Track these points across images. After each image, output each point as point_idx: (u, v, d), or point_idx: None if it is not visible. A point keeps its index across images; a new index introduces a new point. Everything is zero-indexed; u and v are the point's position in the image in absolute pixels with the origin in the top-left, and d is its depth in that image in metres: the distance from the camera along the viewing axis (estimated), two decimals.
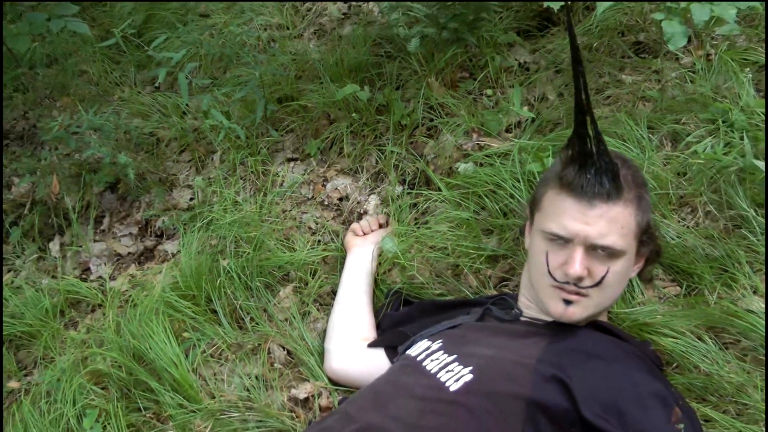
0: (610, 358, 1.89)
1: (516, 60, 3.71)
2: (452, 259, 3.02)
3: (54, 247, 4.17)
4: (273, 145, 3.85)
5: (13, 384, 3.47)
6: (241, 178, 3.72)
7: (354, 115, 3.67)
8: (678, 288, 2.61)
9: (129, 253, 3.88)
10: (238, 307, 3.14)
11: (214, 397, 2.86)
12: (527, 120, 3.36)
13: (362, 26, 4.18)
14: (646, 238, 1.90)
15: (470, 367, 1.93)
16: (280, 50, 4.21)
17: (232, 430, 2.72)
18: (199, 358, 2.99)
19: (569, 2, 3.50)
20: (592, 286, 1.79)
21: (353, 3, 4.51)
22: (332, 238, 3.37)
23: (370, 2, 4.38)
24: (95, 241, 4.02)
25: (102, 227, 4.09)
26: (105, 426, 2.96)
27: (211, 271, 3.25)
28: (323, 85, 3.88)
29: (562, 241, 1.89)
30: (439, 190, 3.25)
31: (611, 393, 1.78)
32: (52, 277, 3.96)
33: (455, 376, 1.93)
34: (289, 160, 3.79)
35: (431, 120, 3.56)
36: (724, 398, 2.28)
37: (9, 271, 4.26)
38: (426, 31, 3.66)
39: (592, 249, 1.79)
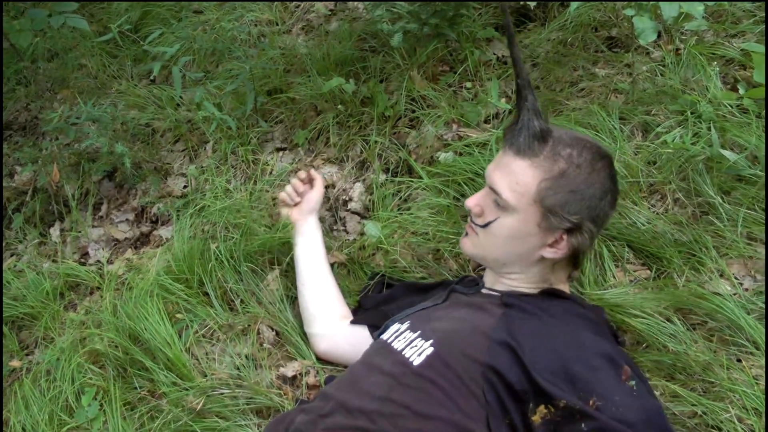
0: (558, 323, 1.84)
1: (494, 54, 3.66)
2: (433, 244, 2.98)
3: (54, 232, 4.11)
4: (263, 136, 3.79)
5: (15, 363, 3.41)
6: (232, 167, 3.67)
7: (340, 106, 3.62)
8: (648, 271, 2.58)
9: (126, 238, 3.82)
10: (228, 290, 3.09)
11: (205, 376, 2.81)
12: (504, 111, 3.32)
13: (348, 22, 4.12)
14: (556, 220, 1.75)
15: (431, 341, 1.91)
16: (270, 45, 4.14)
17: (223, 407, 2.68)
18: (191, 338, 2.95)
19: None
20: (480, 226, 1.78)
21: (340, 1, 4.45)
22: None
23: (356, 0, 4.32)
24: (93, 226, 3.96)
25: (100, 214, 4.03)
26: (102, 403, 2.92)
27: (202, 256, 3.20)
28: (311, 78, 3.83)
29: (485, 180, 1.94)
30: (421, 178, 3.21)
31: (559, 357, 1.72)
32: (53, 261, 3.90)
33: (418, 350, 1.91)
34: (278, 149, 3.74)
35: (413, 111, 3.51)
36: (692, 376, 2.25)
37: (11, 256, 4.20)
38: (408, 27, 3.60)
39: (492, 192, 1.77)
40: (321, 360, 2.78)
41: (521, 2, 3.56)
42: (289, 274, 3.11)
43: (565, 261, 1.88)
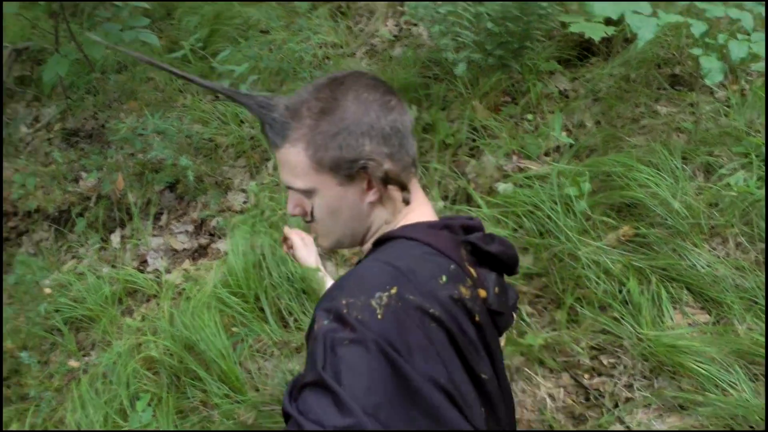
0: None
1: (556, 87, 3.64)
2: None
3: (115, 239, 4.16)
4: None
5: (73, 363, 3.45)
6: None
7: None
8: (707, 316, 2.52)
9: (184, 249, 3.84)
10: (283, 307, 3.09)
11: (258, 390, 2.81)
12: (565, 145, 3.28)
13: (412, 49, 4.11)
14: (345, 169, 1.51)
15: None
16: (335, 67, 4.15)
17: (274, 423, 2.67)
18: (246, 352, 2.95)
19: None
20: (311, 221, 1.61)
21: (404, 26, 4.45)
22: None
23: (420, 27, 4.32)
24: (153, 235, 3.99)
25: (160, 223, 4.06)
26: (155, 410, 2.92)
27: (259, 272, 3.20)
28: None
29: None
30: (480, 207, 3.18)
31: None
32: (112, 266, 3.94)
33: None
34: None
35: (474, 140, 3.49)
36: (754, 428, 2.19)
37: (72, 258, 4.25)
38: (473, 57, 3.59)
39: (292, 190, 1.60)
40: None
41: (586, 36, 3.52)
42: None
43: (391, 190, 1.55)
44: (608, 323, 2.69)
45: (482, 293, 1.44)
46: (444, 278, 1.37)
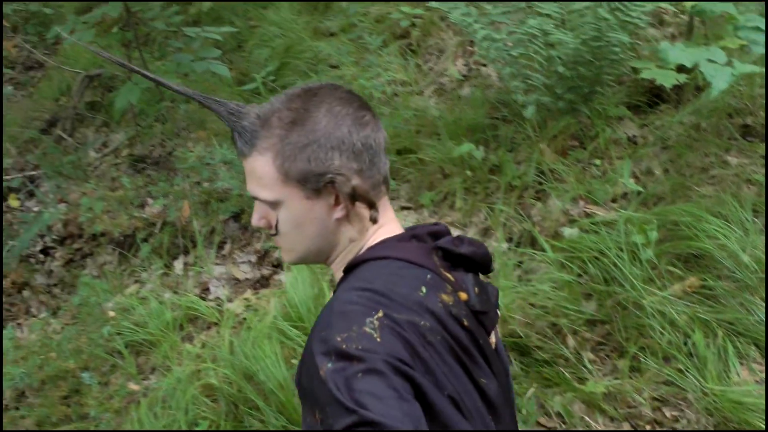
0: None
1: (625, 133, 3.65)
2: (552, 318, 2.96)
3: (178, 265, 4.25)
4: (390, 193, 3.84)
5: (133, 386, 3.53)
6: None
7: (468, 172, 3.66)
8: None
9: (246, 278, 3.92)
10: None
11: None
12: (633, 192, 3.29)
13: (481, 89, 4.17)
14: (312, 182, 1.46)
15: None
16: (403, 105, 4.22)
17: None
18: None
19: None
20: (275, 234, 1.55)
21: (473, 66, 4.51)
22: None
23: (490, 67, 4.37)
24: (216, 264, 4.07)
25: (223, 252, 4.15)
26: None
27: (317, 305, 3.25)
28: (441, 141, 3.88)
29: None
30: (544, 251, 3.20)
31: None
32: (174, 292, 4.03)
33: None
34: (403, 208, 3.79)
35: (540, 184, 3.52)
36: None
37: (135, 282, 4.36)
38: (542, 100, 3.63)
39: (258, 200, 1.55)
40: None
41: (657, 83, 3.53)
42: None
43: (359, 207, 1.50)
44: (672, 375, 2.68)
45: (463, 296, 1.42)
46: (423, 289, 1.36)
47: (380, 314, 1.26)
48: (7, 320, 4.71)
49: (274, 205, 1.48)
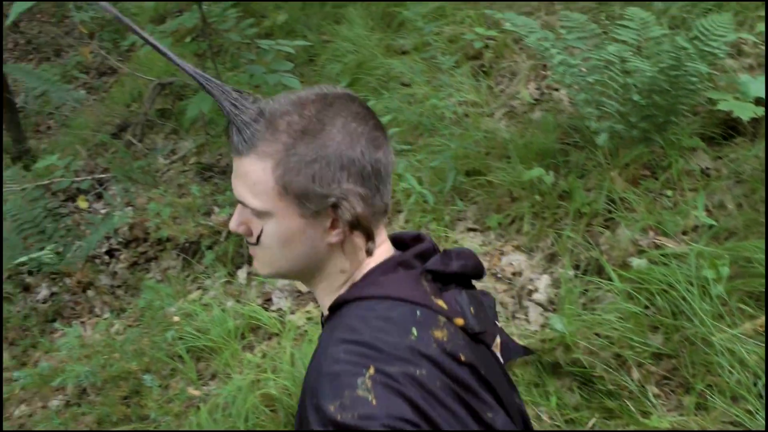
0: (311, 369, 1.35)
1: (698, 165, 3.61)
2: (617, 349, 2.94)
3: (242, 274, 4.33)
4: (456, 214, 3.88)
5: (193, 391, 3.60)
6: None
7: (537, 197, 3.67)
8: None
9: (309, 291, 3.96)
10: None
11: None
12: (704, 225, 3.26)
13: (553, 114, 4.17)
14: (314, 202, 1.33)
15: None
16: (473, 126, 4.24)
17: None
18: None
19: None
20: (253, 244, 1.40)
21: (545, 90, 4.51)
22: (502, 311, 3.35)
23: (562, 92, 4.37)
24: None
25: None
26: None
27: None
28: (511, 164, 3.89)
29: None
30: (611, 280, 3.18)
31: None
32: (237, 301, 4.09)
33: None
34: (470, 229, 3.81)
35: (610, 212, 3.51)
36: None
37: (198, 289, 4.45)
38: (616, 127, 3.62)
39: (241, 205, 1.40)
40: None
41: (734, 115, 3.49)
42: None
43: (356, 236, 1.39)
44: (740, 415, 2.64)
45: (459, 322, 1.33)
46: (414, 331, 1.25)
47: (371, 371, 1.18)
48: (70, 318, 4.85)
49: (262, 215, 1.35)
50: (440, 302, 1.32)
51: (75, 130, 7.20)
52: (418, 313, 1.28)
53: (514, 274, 3.49)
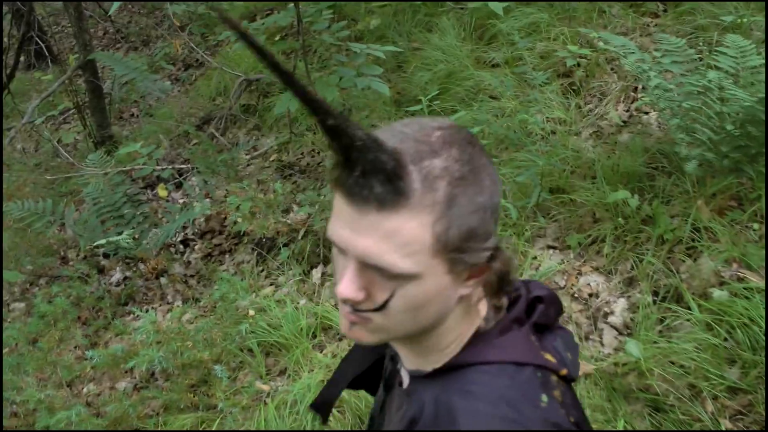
0: None
1: None
2: (692, 379, 2.96)
3: (316, 274, 4.42)
4: (537, 231, 3.91)
5: (262, 386, 3.70)
6: None
7: (620, 219, 3.68)
8: None
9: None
10: None
11: None
12: None
13: (641, 137, 4.18)
14: (471, 255, 1.17)
15: None
16: (560, 143, 4.28)
17: None
18: None
19: None
20: (372, 310, 1.19)
21: (634, 113, 4.53)
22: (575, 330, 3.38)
23: (652, 115, 4.38)
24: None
25: None
26: None
27: None
28: (595, 184, 3.92)
29: (340, 250, 1.23)
30: (690, 309, 3.19)
31: None
32: (309, 300, 4.18)
33: None
34: (549, 247, 3.85)
35: (693, 240, 3.51)
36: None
37: (270, 285, 4.56)
38: (706, 156, 3.62)
39: (370, 267, 1.17)
40: None
41: None
42: None
43: (480, 288, 1.25)
44: None
45: (563, 372, 1.26)
46: (544, 398, 1.19)
47: None
48: (142, 303, 5.00)
49: (402, 278, 1.15)
50: (548, 356, 1.25)
51: (158, 120, 7.42)
52: (539, 375, 1.21)
53: (590, 295, 3.52)
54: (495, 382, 1.20)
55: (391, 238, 1.12)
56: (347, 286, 1.17)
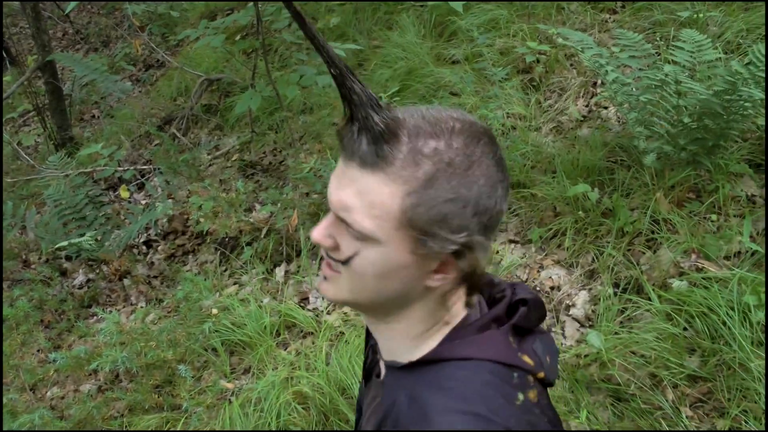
0: None
1: (743, 191, 3.64)
2: (652, 368, 2.99)
3: (279, 272, 4.41)
4: (498, 225, 3.92)
5: (226, 384, 3.69)
6: None
7: (580, 213, 3.71)
8: None
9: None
10: None
11: None
12: (748, 251, 3.29)
13: (601, 131, 4.22)
14: (437, 243, 1.17)
15: None
16: (520, 139, 4.31)
17: None
18: None
19: None
20: (340, 262, 1.23)
21: (594, 108, 4.56)
22: None
23: (611, 110, 4.42)
24: (318, 275, 4.21)
25: None
26: None
27: None
28: (556, 179, 3.95)
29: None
30: (650, 300, 3.23)
31: None
32: (273, 298, 4.17)
33: None
34: (511, 241, 3.87)
35: (652, 233, 3.55)
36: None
37: (234, 284, 4.54)
38: (665, 149, 3.66)
39: (339, 219, 1.22)
40: None
41: None
42: None
43: (460, 287, 1.27)
44: None
45: (540, 375, 1.26)
46: (520, 397, 1.20)
47: None
48: (105, 305, 4.96)
49: (366, 239, 1.19)
50: (525, 358, 1.25)
51: (120, 121, 7.36)
52: (514, 375, 1.22)
53: (552, 288, 3.54)
54: (471, 378, 1.20)
55: (362, 197, 1.15)
56: (319, 230, 1.22)
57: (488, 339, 1.24)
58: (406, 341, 1.30)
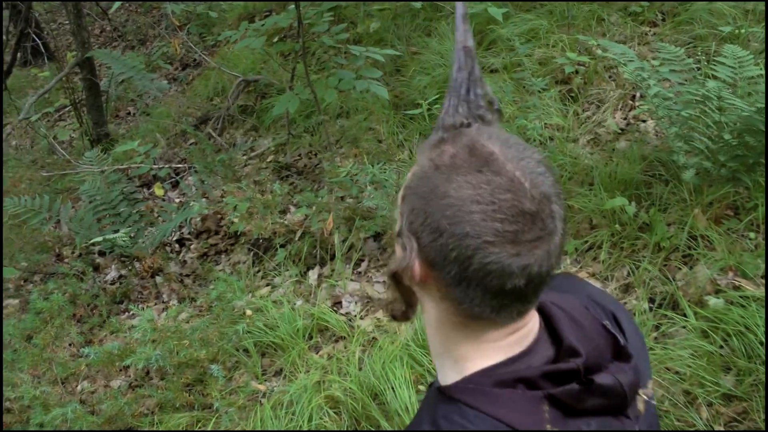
0: None
1: None
2: (687, 385, 2.98)
3: (312, 275, 4.44)
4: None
5: (258, 386, 3.71)
6: None
7: (617, 226, 3.70)
8: None
9: (379, 298, 4.05)
10: None
11: None
12: None
13: (639, 145, 4.21)
14: (400, 236, 1.07)
15: None
16: (558, 150, 4.30)
17: None
18: None
19: None
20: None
21: (632, 121, 4.55)
22: None
23: (649, 123, 4.41)
24: (351, 280, 4.23)
25: (359, 269, 4.30)
26: None
27: None
28: (593, 191, 3.94)
29: None
30: (686, 316, 3.22)
31: None
32: (306, 301, 4.19)
33: None
34: None
35: (689, 248, 3.54)
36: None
37: (267, 285, 4.56)
38: (704, 164, 3.65)
39: None
40: None
41: None
42: None
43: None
44: None
45: None
46: None
47: None
48: (137, 302, 5.00)
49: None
50: None
51: (155, 119, 7.42)
52: None
53: None
54: (465, 424, 1.05)
55: None
56: None
57: (506, 398, 1.06)
58: (435, 358, 1.21)
